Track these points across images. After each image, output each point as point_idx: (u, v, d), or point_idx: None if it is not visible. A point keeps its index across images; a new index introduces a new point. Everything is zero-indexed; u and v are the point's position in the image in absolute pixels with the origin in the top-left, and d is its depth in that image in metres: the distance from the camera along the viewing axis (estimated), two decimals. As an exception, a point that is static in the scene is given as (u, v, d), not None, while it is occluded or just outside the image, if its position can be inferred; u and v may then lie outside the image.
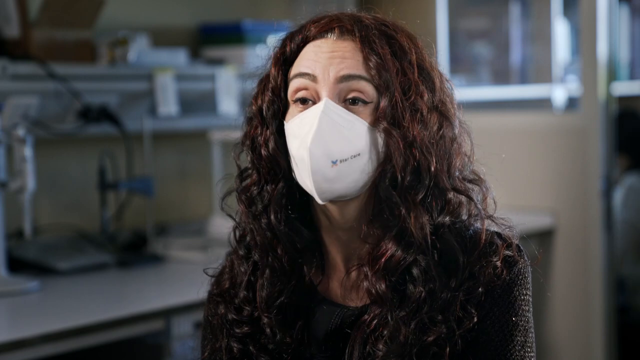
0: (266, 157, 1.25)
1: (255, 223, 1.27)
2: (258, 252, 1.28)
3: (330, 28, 1.24)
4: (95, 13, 2.78)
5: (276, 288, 1.27)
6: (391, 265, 1.21)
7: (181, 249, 2.82)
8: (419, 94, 1.22)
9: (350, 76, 1.21)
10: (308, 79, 1.22)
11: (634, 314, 3.67)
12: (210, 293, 1.36)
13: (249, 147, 1.27)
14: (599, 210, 3.22)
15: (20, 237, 2.57)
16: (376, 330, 1.21)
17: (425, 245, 1.20)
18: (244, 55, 3.13)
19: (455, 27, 4.02)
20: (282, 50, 1.26)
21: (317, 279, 1.30)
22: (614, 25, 3.28)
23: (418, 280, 1.20)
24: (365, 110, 1.21)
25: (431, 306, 1.19)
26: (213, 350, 1.32)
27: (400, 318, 1.19)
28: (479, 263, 1.23)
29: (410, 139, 1.20)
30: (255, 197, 1.27)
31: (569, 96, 4.09)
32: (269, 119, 1.25)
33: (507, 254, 1.25)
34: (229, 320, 1.30)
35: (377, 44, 1.22)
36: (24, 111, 2.41)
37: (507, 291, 1.24)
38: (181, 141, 3.19)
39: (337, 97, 1.21)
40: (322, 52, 1.22)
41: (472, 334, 1.22)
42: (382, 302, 1.21)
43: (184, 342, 2.26)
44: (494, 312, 1.23)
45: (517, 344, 1.23)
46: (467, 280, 1.22)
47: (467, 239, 1.24)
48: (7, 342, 1.94)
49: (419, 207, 1.20)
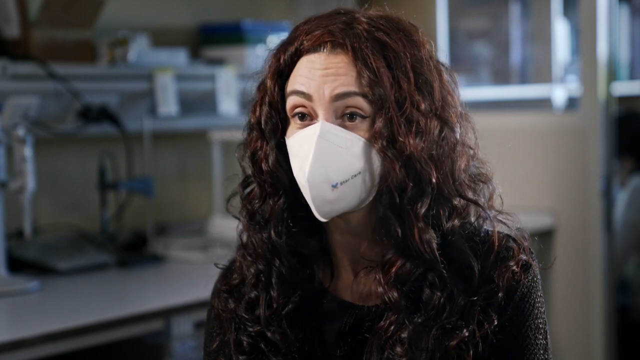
0: (267, 172, 1.24)
1: (256, 236, 1.26)
2: (261, 263, 1.28)
3: (323, 42, 1.21)
4: (95, 13, 2.78)
5: (282, 297, 1.26)
6: (403, 275, 1.20)
7: (181, 249, 2.82)
8: (415, 106, 1.20)
9: (345, 94, 1.19)
10: (303, 97, 1.21)
11: (634, 314, 3.66)
12: (219, 288, 1.35)
13: (250, 158, 1.27)
14: (599, 210, 3.22)
15: (20, 237, 2.57)
16: (394, 335, 1.21)
17: (434, 258, 1.19)
18: (244, 55, 3.13)
19: (455, 27, 4.02)
20: (277, 62, 1.24)
21: (326, 279, 1.29)
22: (614, 25, 3.28)
23: (435, 286, 1.20)
24: (363, 125, 1.20)
25: (451, 311, 1.19)
26: (222, 343, 1.32)
27: (419, 324, 1.19)
28: (497, 268, 1.22)
29: (407, 154, 1.18)
30: (257, 211, 1.26)
31: (569, 96, 4.09)
32: (269, 134, 1.24)
33: (523, 258, 1.25)
34: (240, 317, 1.29)
35: (370, 57, 1.19)
36: (24, 111, 2.41)
37: (527, 295, 1.24)
38: (181, 141, 3.19)
39: (333, 115, 1.20)
40: (316, 69, 1.20)
41: (497, 337, 1.21)
42: (397, 310, 1.21)
43: (184, 342, 2.26)
44: (517, 317, 1.23)
45: (541, 347, 1.24)
46: (486, 284, 1.22)
47: (480, 243, 1.24)
48: (7, 342, 1.94)
49: (422, 222, 1.19)
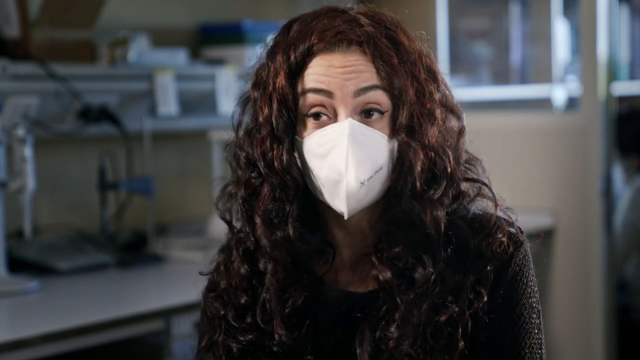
0: (281, 172, 1.24)
1: (270, 236, 1.25)
2: (266, 263, 1.28)
3: (338, 41, 1.22)
4: (95, 13, 2.78)
5: (285, 297, 1.27)
6: (399, 255, 1.22)
7: (181, 249, 2.82)
8: (431, 97, 1.24)
9: (367, 88, 1.21)
10: (323, 94, 1.22)
11: (633, 314, 3.66)
12: (206, 293, 1.35)
13: (260, 159, 1.25)
14: (599, 210, 3.22)
15: (20, 237, 2.57)
16: (386, 316, 1.22)
17: (438, 237, 1.22)
18: (244, 55, 3.13)
19: (455, 27, 4.02)
20: (287, 60, 1.24)
21: (322, 271, 1.30)
22: (614, 25, 3.28)
23: (427, 263, 1.22)
24: (382, 122, 1.22)
25: (442, 288, 1.21)
26: (211, 342, 1.32)
27: (410, 300, 1.21)
28: (486, 241, 1.24)
29: (427, 145, 1.22)
30: (272, 211, 1.25)
31: (569, 96, 4.09)
32: (281, 133, 1.24)
33: (511, 230, 1.27)
34: (230, 325, 1.30)
35: (385, 52, 1.22)
36: (24, 111, 2.41)
37: (519, 273, 1.26)
38: (181, 141, 3.19)
39: (354, 112, 1.22)
40: (334, 68, 1.22)
41: (490, 317, 1.23)
42: (389, 289, 1.22)
43: (184, 342, 2.26)
44: (511, 295, 1.25)
45: (535, 327, 1.26)
46: (476, 260, 1.24)
47: (472, 221, 1.26)
48: (7, 342, 1.94)
49: (435, 204, 1.22)
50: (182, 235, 3.00)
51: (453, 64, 4.01)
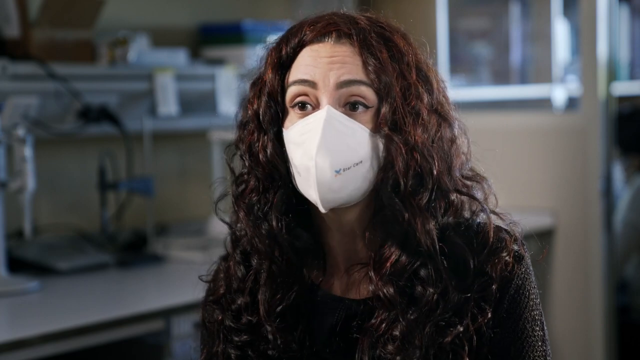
0: (265, 164, 1.24)
1: (255, 230, 1.25)
2: (257, 259, 1.27)
3: (328, 32, 1.22)
4: (95, 13, 2.78)
5: (278, 295, 1.26)
6: (397, 269, 1.20)
7: (181, 249, 2.82)
8: (419, 97, 1.22)
9: (350, 81, 1.20)
10: (307, 85, 1.21)
11: (633, 314, 3.66)
12: (205, 299, 1.35)
13: (246, 152, 1.26)
14: (599, 210, 3.22)
15: (20, 237, 2.57)
16: (385, 333, 1.20)
17: (433, 250, 1.20)
18: (244, 55, 3.13)
19: (455, 27, 4.02)
20: (278, 54, 1.24)
21: (318, 277, 1.29)
22: (614, 25, 3.28)
23: (428, 282, 1.20)
24: (366, 116, 1.21)
25: (445, 307, 1.19)
26: (210, 355, 1.32)
27: (413, 321, 1.19)
28: (490, 260, 1.23)
29: (411, 144, 1.19)
30: (255, 204, 1.25)
31: (569, 96, 4.09)
32: (267, 125, 1.24)
33: (515, 248, 1.25)
34: (227, 327, 1.29)
35: (375, 47, 1.21)
36: (24, 111, 2.41)
37: (522, 287, 1.24)
38: (181, 141, 3.19)
39: (337, 103, 1.20)
40: (321, 57, 1.21)
41: (494, 331, 1.22)
42: (392, 306, 1.20)
43: (184, 342, 2.26)
44: (514, 310, 1.23)
45: (539, 339, 1.25)
46: (479, 277, 1.22)
47: (474, 237, 1.24)
48: (7, 342, 1.94)
49: (425, 213, 1.20)
50: (182, 235, 3.00)
51: (453, 64, 4.01)
